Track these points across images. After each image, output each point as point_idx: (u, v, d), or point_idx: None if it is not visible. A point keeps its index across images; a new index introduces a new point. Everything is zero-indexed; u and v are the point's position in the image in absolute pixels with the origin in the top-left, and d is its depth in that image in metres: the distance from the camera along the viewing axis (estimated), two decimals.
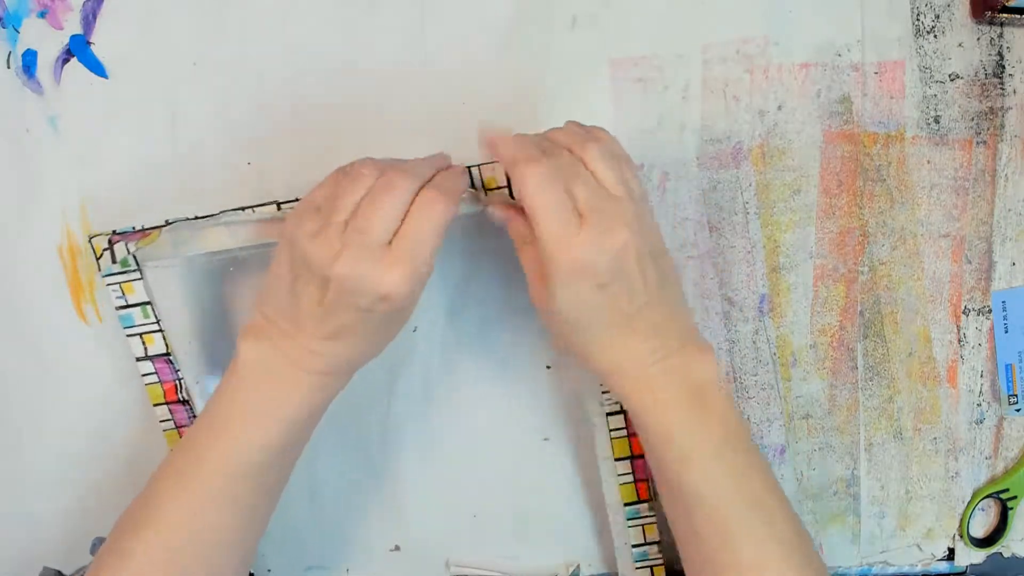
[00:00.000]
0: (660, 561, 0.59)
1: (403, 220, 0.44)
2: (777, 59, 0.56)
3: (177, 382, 0.56)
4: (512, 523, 0.63)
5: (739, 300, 0.59)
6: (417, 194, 0.44)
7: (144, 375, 0.56)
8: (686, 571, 0.50)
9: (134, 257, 0.53)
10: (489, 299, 0.60)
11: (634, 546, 0.59)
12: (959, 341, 0.59)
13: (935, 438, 0.60)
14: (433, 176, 0.46)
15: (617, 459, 0.57)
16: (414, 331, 0.59)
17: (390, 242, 0.43)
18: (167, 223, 0.53)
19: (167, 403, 0.56)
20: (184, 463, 0.48)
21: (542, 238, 0.43)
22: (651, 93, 0.57)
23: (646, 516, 0.58)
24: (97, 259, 0.53)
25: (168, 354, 0.55)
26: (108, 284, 0.54)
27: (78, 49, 0.57)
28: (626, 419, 0.56)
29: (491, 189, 0.52)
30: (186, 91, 0.57)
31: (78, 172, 0.58)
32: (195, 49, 0.57)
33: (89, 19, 0.57)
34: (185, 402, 0.56)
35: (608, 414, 0.57)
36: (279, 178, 0.58)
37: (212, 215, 0.53)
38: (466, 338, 0.60)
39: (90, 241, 0.53)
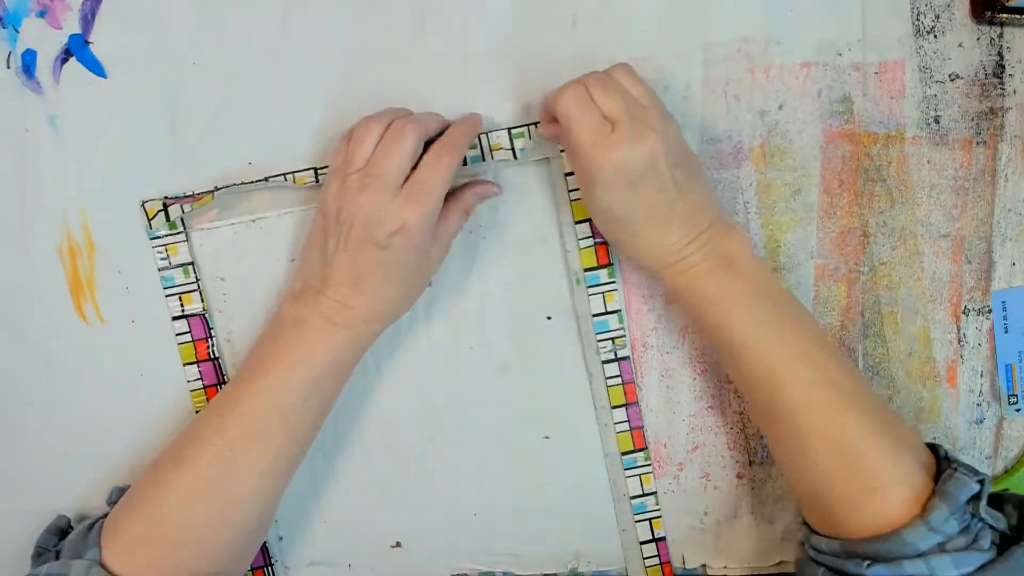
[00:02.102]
0: (658, 513, 0.61)
1: (415, 168, 0.50)
2: (778, 59, 0.56)
3: (209, 340, 0.59)
4: (513, 521, 0.63)
5: None
6: (429, 145, 0.51)
7: (178, 335, 0.59)
8: (754, 422, 0.58)
9: (182, 220, 0.57)
10: (489, 297, 0.60)
11: (632, 497, 0.61)
12: (959, 341, 0.59)
13: (935, 438, 0.60)
14: (445, 129, 0.53)
15: (613, 407, 0.60)
16: (430, 286, 0.60)
17: (403, 185, 0.50)
18: (216, 188, 0.57)
19: (198, 362, 0.59)
20: (224, 406, 0.52)
21: (578, 147, 0.49)
22: None
23: (642, 465, 0.60)
24: (149, 220, 0.57)
25: (204, 313, 0.59)
26: (154, 246, 0.58)
27: (77, 49, 0.57)
28: (620, 368, 0.59)
29: (496, 150, 0.57)
30: (186, 91, 0.57)
31: (78, 172, 0.58)
32: (195, 49, 0.57)
33: (88, 19, 0.57)
34: (216, 359, 0.59)
35: (604, 362, 0.59)
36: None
37: (256, 181, 0.57)
38: (466, 336, 0.60)
39: (142, 205, 0.58)
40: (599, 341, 0.59)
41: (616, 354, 0.59)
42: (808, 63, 0.56)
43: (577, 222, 0.58)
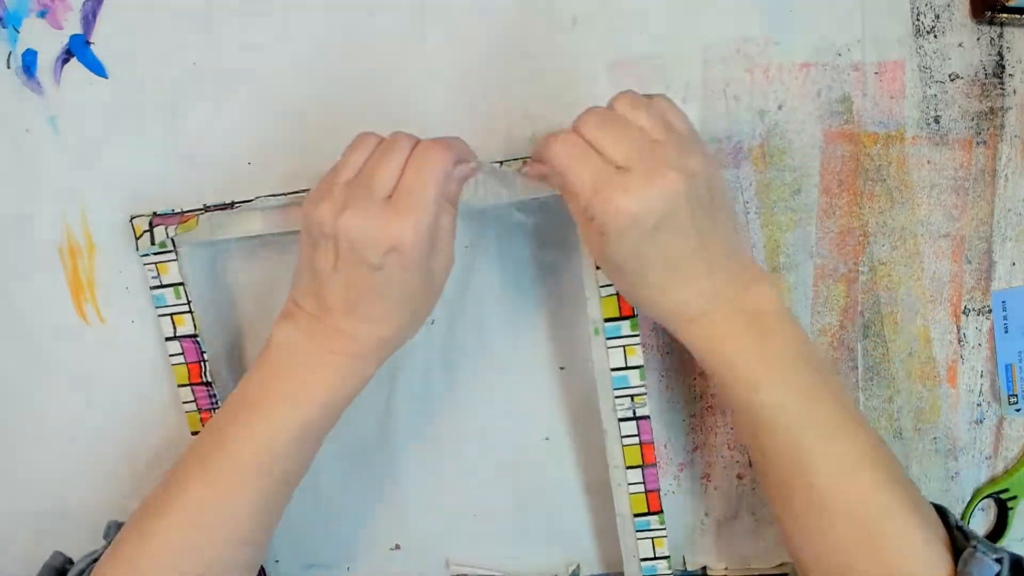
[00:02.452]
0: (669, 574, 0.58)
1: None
2: (777, 59, 0.56)
3: (202, 364, 0.57)
4: (512, 523, 0.63)
5: None
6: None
7: (171, 355, 0.57)
8: (763, 490, 0.51)
9: (172, 240, 0.55)
10: (490, 298, 0.60)
11: (643, 560, 0.58)
12: (959, 341, 0.59)
13: (935, 438, 0.60)
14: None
15: (628, 467, 0.56)
16: (431, 323, 0.59)
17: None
18: (205, 208, 0.55)
19: (191, 384, 0.57)
20: (210, 447, 0.48)
21: (582, 200, 0.44)
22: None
23: (656, 529, 0.57)
24: (136, 239, 0.55)
25: (196, 335, 0.57)
26: (144, 264, 0.56)
27: (78, 49, 0.57)
28: (639, 427, 0.55)
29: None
30: (186, 91, 0.57)
31: (78, 172, 0.58)
32: (195, 49, 0.57)
33: (89, 19, 0.57)
34: (208, 384, 0.57)
35: (620, 420, 0.55)
36: (279, 178, 0.57)
37: (247, 200, 0.54)
38: (466, 337, 0.60)
39: (131, 221, 0.56)
40: (616, 398, 0.55)
41: (635, 412, 0.55)
42: (807, 63, 0.56)
43: (598, 268, 0.53)
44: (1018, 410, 0.60)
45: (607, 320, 0.54)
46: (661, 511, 0.57)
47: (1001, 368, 0.60)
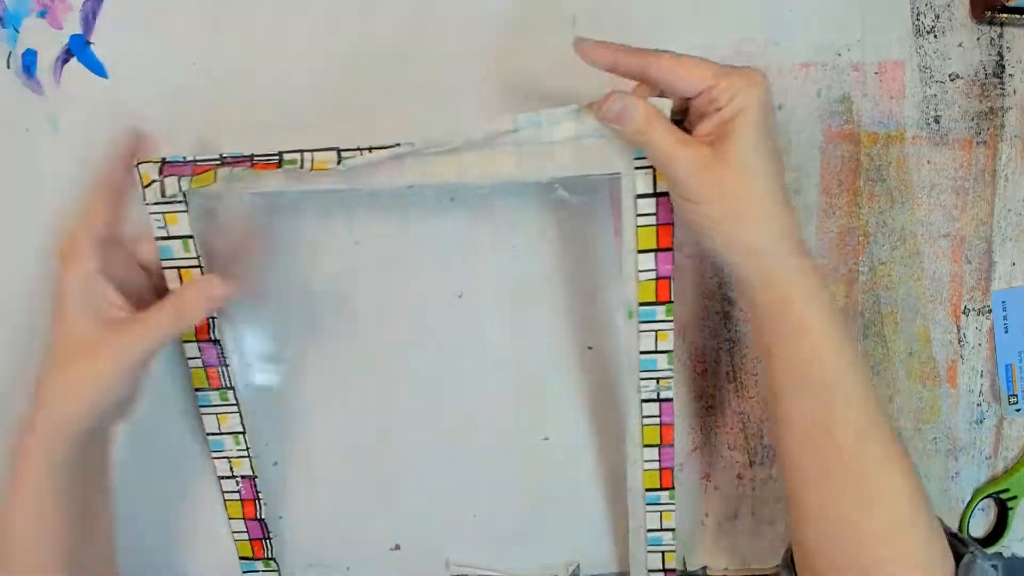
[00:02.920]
0: (673, 548, 0.59)
1: None
2: (777, 59, 0.56)
3: (211, 320, 0.56)
4: (512, 523, 0.63)
5: (739, 300, 0.59)
6: None
7: None
8: (780, 455, 0.50)
9: (183, 191, 0.52)
10: (490, 298, 0.60)
11: (650, 530, 0.58)
12: (959, 341, 0.59)
13: (935, 438, 0.60)
14: None
15: (646, 445, 0.56)
16: (459, 297, 0.59)
17: None
18: (221, 160, 0.51)
19: (198, 341, 0.56)
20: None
21: (709, 88, 0.45)
22: (651, 93, 0.57)
23: (666, 503, 0.57)
24: (143, 187, 0.52)
25: None
26: (151, 213, 0.52)
27: (78, 49, 0.57)
28: (661, 408, 0.55)
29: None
30: (186, 91, 0.57)
31: (78, 172, 0.58)
32: (195, 49, 0.57)
33: (89, 19, 0.57)
34: (216, 341, 0.56)
35: (643, 400, 0.55)
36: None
37: (268, 155, 0.51)
38: (466, 337, 0.60)
39: (137, 167, 0.52)
40: (642, 380, 0.55)
41: (659, 394, 0.55)
42: (807, 63, 0.56)
43: (640, 251, 0.52)
44: (1018, 410, 0.60)
45: (643, 304, 0.53)
46: (673, 487, 0.57)
47: (1001, 368, 0.60)
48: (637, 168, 0.50)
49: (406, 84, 0.57)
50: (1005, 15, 0.54)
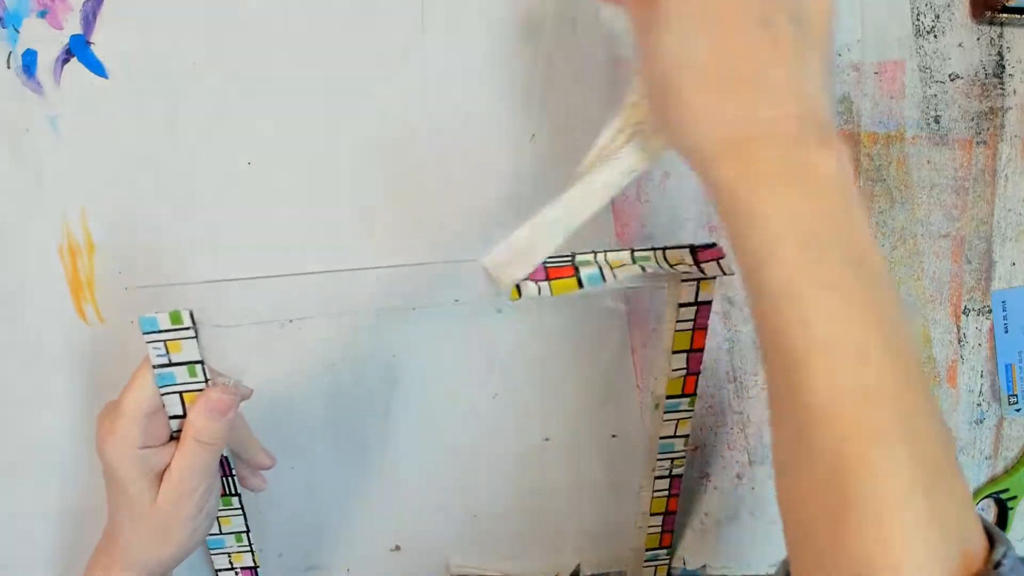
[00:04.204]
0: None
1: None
2: None
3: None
4: (512, 523, 0.63)
5: (739, 300, 0.59)
6: None
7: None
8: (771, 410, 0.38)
9: (191, 315, 0.47)
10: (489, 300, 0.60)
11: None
12: (959, 341, 0.59)
13: None
14: None
15: (652, 513, 0.59)
16: (499, 312, 0.59)
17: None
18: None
19: None
20: None
21: None
22: None
23: (663, 560, 0.61)
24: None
25: None
26: (148, 342, 0.47)
27: (78, 49, 0.57)
28: (671, 484, 0.58)
29: (617, 267, 0.51)
30: (186, 91, 0.57)
31: (78, 172, 0.58)
32: (195, 49, 0.57)
33: (89, 19, 0.57)
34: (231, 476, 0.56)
35: (657, 477, 0.58)
36: (279, 178, 0.58)
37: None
38: (467, 338, 0.60)
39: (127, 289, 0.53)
40: (659, 460, 0.57)
41: (671, 472, 0.58)
42: None
43: (674, 352, 0.54)
44: (1018, 410, 0.60)
45: (669, 397, 0.55)
46: (672, 546, 0.61)
47: (1001, 368, 0.60)
48: (683, 280, 0.51)
49: (405, 85, 0.57)
50: (1005, 15, 0.55)
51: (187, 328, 0.47)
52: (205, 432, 0.47)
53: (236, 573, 0.58)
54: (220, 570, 0.58)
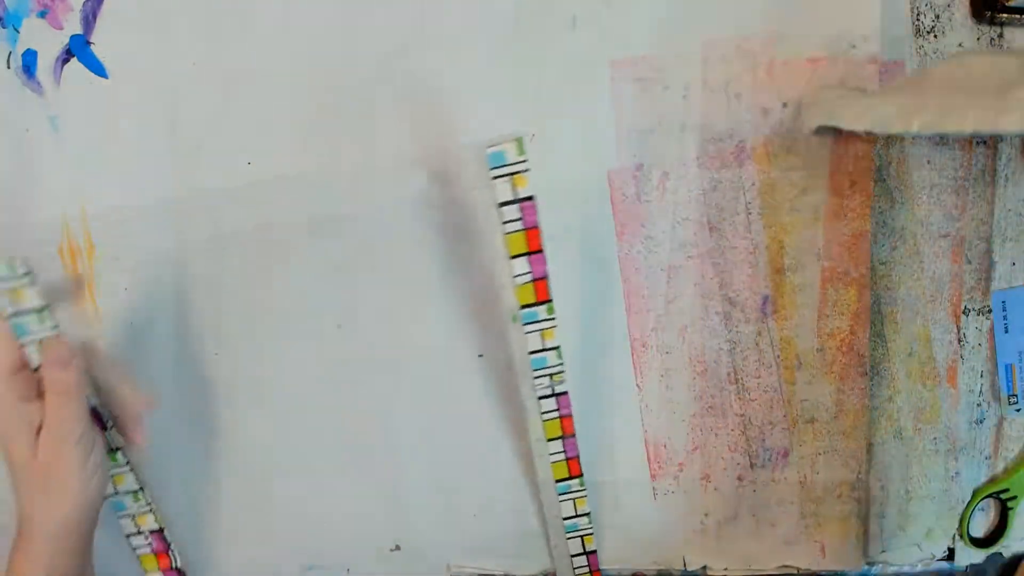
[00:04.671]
0: (591, 531, 0.61)
1: None
2: (780, 56, 0.56)
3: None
4: (512, 522, 0.63)
5: (740, 301, 0.59)
6: None
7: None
8: None
9: (25, 262, 0.51)
10: (489, 301, 0.60)
11: (566, 518, 0.61)
12: (959, 341, 0.59)
13: (935, 438, 0.60)
14: None
15: (549, 439, 0.59)
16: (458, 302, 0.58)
17: None
18: None
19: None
20: None
21: None
22: (651, 93, 0.57)
23: (577, 491, 0.60)
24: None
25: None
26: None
27: (78, 49, 0.57)
28: (558, 402, 0.58)
29: None
30: (186, 91, 0.57)
31: (78, 172, 0.58)
32: (195, 49, 0.57)
33: (89, 19, 0.57)
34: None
35: (540, 397, 0.57)
36: (279, 178, 0.57)
37: None
38: (467, 338, 0.60)
39: None
40: (536, 378, 0.57)
41: (553, 389, 0.57)
42: (812, 60, 0.56)
43: (512, 256, 0.54)
44: (1018, 410, 0.60)
45: (523, 306, 0.55)
46: (581, 475, 0.60)
47: (1001, 368, 0.60)
48: (494, 178, 0.51)
49: (405, 85, 0.57)
50: (1005, 15, 0.54)
51: (24, 275, 0.50)
52: (57, 382, 0.49)
53: (146, 537, 0.59)
54: (129, 535, 0.59)
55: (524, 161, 0.51)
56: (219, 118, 0.58)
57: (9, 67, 0.57)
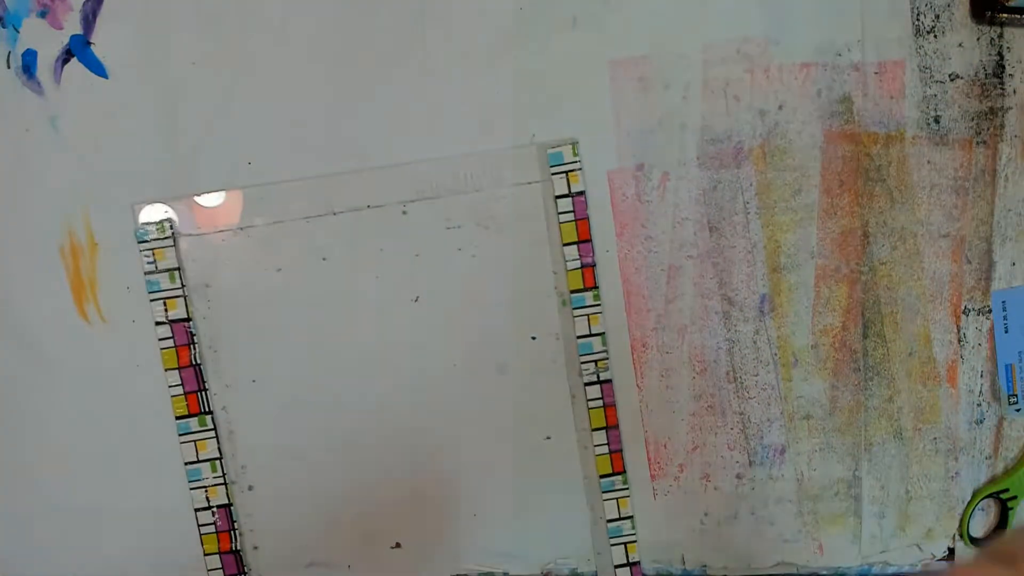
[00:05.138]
0: (634, 538, 0.61)
1: None
2: (778, 59, 0.56)
3: (192, 347, 0.59)
4: (513, 521, 0.63)
5: (739, 300, 0.59)
6: None
7: (160, 339, 0.59)
8: None
9: (171, 225, 0.58)
10: (491, 301, 0.60)
11: (609, 520, 0.61)
12: (959, 341, 0.59)
13: (935, 438, 0.60)
14: None
15: (594, 429, 0.59)
16: (415, 300, 0.59)
17: None
18: None
19: (179, 368, 0.59)
20: None
21: None
22: (651, 93, 0.57)
23: (620, 489, 0.60)
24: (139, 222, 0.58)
25: (188, 319, 0.59)
26: (142, 250, 0.58)
27: (78, 49, 0.57)
28: (602, 390, 0.59)
29: None
30: (186, 91, 0.57)
31: (78, 172, 0.58)
32: (195, 49, 0.57)
33: (89, 19, 0.57)
34: (197, 365, 0.59)
35: (586, 384, 0.59)
36: (279, 178, 0.58)
37: None
38: (468, 337, 0.60)
39: (133, 207, 0.57)
40: (582, 364, 0.59)
41: (599, 376, 0.59)
42: (808, 63, 0.56)
43: (565, 244, 0.58)
44: (1018, 410, 0.60)
45: (573, 292, 0.58)
46: (624, 471, 0.60)
47: (1001, 368, 0.60)
48: (553, 175, 0.57)
49: (406, 84, 0.57)
50: (1005, 15, 0.54)
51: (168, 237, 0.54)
52: None
53: (213, 513, 0.60)
54: (199, 509, 0.60)
55: (578, 161, 0.57)
56: (219, 118, 0.58)
57: (9, 67, 0.57)
